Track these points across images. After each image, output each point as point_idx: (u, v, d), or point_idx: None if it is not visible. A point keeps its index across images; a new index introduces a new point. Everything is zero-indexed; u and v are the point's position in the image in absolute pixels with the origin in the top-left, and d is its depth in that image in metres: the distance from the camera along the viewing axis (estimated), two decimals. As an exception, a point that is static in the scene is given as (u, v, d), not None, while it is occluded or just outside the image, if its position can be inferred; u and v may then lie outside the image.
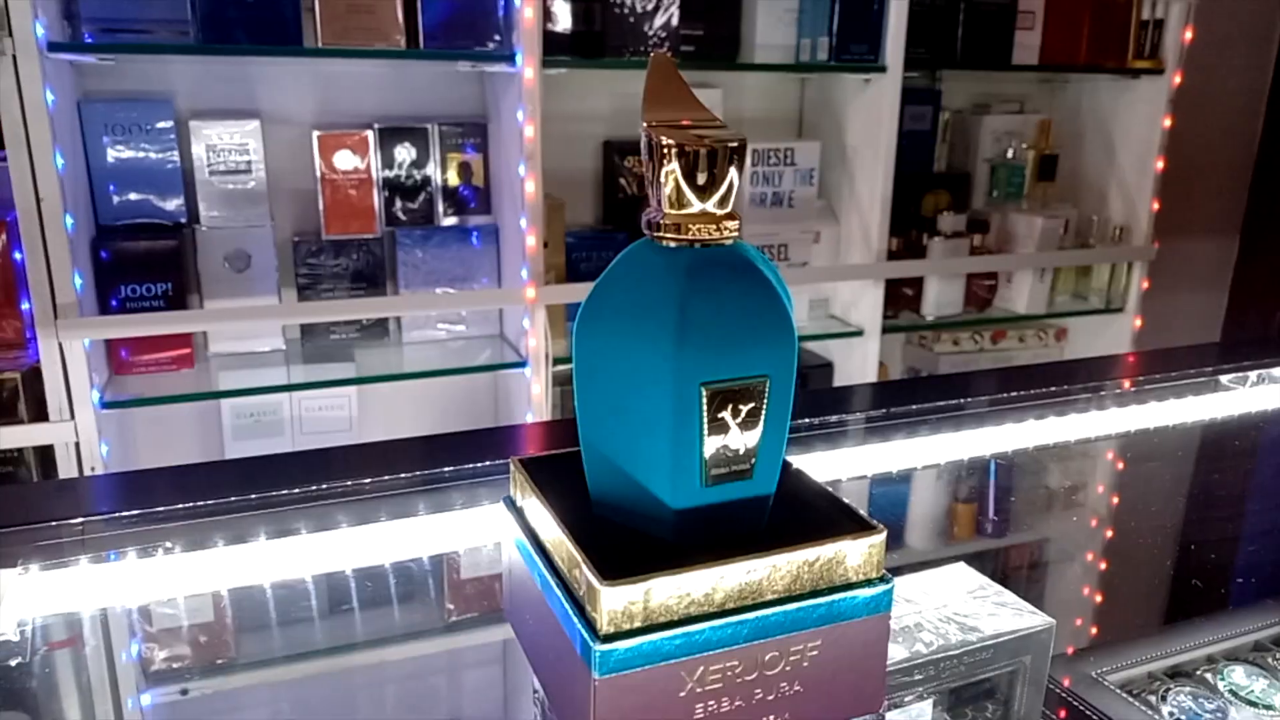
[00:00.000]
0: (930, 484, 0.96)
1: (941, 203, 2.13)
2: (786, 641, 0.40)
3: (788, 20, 1.82)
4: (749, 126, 2.05)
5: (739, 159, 0.40)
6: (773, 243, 1.91)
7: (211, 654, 0.58)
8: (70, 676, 0.53)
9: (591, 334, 0.40)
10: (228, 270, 1.67)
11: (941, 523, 0.92)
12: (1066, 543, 0.90)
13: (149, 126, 1.59)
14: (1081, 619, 0.78)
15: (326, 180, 1.71)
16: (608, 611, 0.37)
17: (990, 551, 0.89)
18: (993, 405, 1.05)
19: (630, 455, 0.40)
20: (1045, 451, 0.99)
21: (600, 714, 0.37)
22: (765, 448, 0.41)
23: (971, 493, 0.96)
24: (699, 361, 0.38)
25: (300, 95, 1.73)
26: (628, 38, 1.71)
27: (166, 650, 0.58)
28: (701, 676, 0.39)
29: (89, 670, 0.54)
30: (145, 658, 0.57)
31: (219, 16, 1.49)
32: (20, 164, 1.34)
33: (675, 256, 0.39)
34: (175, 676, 0.56)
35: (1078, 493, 0.98)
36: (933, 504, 0.95)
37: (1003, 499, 0.95)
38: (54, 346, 1.43)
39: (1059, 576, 0.87)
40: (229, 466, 0.83)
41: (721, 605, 0.39)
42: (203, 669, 0.57)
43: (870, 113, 1.89)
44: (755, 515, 0.42)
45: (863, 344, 2.02)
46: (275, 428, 1.80)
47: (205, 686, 0.56)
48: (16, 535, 0.60)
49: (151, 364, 1.65)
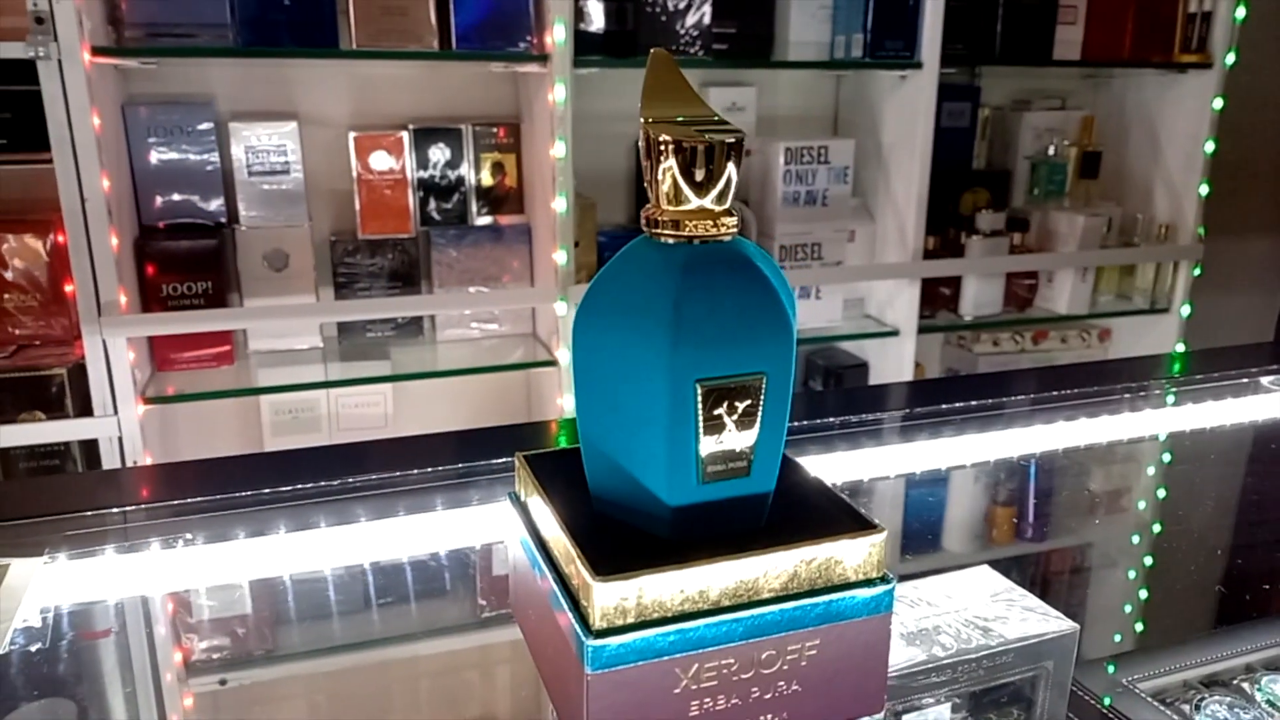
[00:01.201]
0: (964, 485, 0.95)
1: (980, 201, 2.10)
2: (784, 640, 0.40)
3: (822, 17, 1.80)
4: (783, 125, 2.04)
5: (737, 155, 0.39)
6: (806, 241, 1.90)
7: (247, 645, 0.60)
8: (94, 664, 0.55)
9: (589, 330, 0.40)
10: (266, 269, 1.71)
11: (975, 524, 0.90)
12: (1104, 547, 0.88)
13: (190, 129, 1.63)
14: (1115, 624, 0.77)
15: (362, 180, 1.73)
16: (600, 607, 0.37)
17: (1025, 555, 0.88)
18: (1026, 406, 1.03)
19: (627, 452, 0.40)
20: (1083, 453, 0.97)
21: (593, 709, 0.37)
22: (763, 445, 0.40)
23: (1006, 495, 0.95)
24: (694, 358, 0.38)
25: (337, 97, 1.75)
26: (660, 37, 1.71)
27: (195, 640, 0.59)
28: (696, 674, 0.39)
29: (113, 658, 0.56)
30: (172, 647, 0.59)
31: (258, 19, 1.52)
32: (66, 166, 1.38)
33: (672, 253, 0.39)
34: (211, 667, 0.57)
35: (1116, 496, 0.96)
36: (967, 505, 0.93)
37: (1038, 501, 0.94)
38: (98, 344, 1.47)
39: (1094, 581, 0.85)
40: (257, 460, 0.84)
41: (717, 603, 0.39)
42: (234, 660, 0.58)
43: (906, 110, 1.86)
44: (753, 513, 0.42)
45: (898, 344, 1.99)
46: (313, 424, 1.83)
47: (244, 677, 0.57)
48: (46, 525, 0.62)
49: (193, 361, 1.69)
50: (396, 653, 0.62)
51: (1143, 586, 0.81)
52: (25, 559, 0.55)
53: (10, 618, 0.49)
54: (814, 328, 1.99)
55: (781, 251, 1.89)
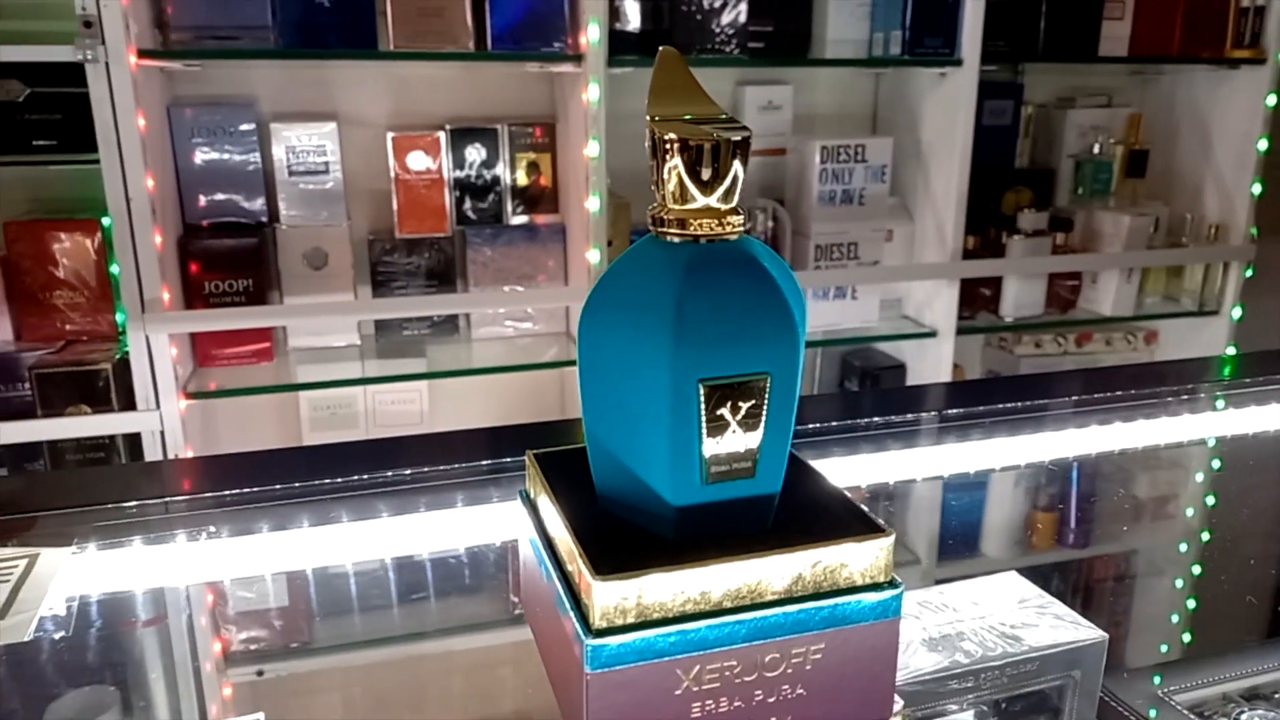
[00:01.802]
0: (999, 488, 0.93)
1: (1023, 200, 2.06)
2: (788, 644, 0.39)
3: (860, 15, 1.78)
4: (821, 123, 2.02)
5: (743, 153, 0.39)
6: (842, 241, 1.88)
7: (276, 637, 0.60)
8: (119, 654, 0.56)
9: (593, 329, 0.40)
10: (306, 267, 1.73)
11: (1009, 529, 0.89)
12: (1145, 554, 0.86)
13: (232, 129, 1.66)
14: (1153, 634, 0.75)
15: (400, 180, 1.75)
16: (600, 606, 0.37)
17: (1061, 562, 0.86)
18: (1065, 408, 1.01)
19: (631, 451, 0.40)
20: (1125, 458, 0.95)
21: (593, 709, 0.37)
22: (768, 446, 0.40)
23: (1043, 499, 0.93)
24: (696, 358, 0.37)
25: (375, 97, 1.77)
26: (695, 35, 1.70)
27: (222, 630, 0.60)
28: (698, 675, 0.38)
29: (138, 648, 0.57)
30: (203, 637, 0.60)
31: (299, 22, 1.55)
32: (112, 167, 1.42)
33: (677, 252, 0.39)
34: (239, 659, 0.58)
35: (1158, 502, 0.94)
36: (1001, 510, 0.92)
37: (1076, 507, 0.92)
38: (141, 339, 1.50)
39: (1132, 589, 0.83)
40: (285, 455, 0.86)
41: (719, 604, 0.38)
42: (266, 652, 0.59)
43: (946, 107, 1.84)
44: (759, 514, 0.41)
45: (936, 345, 1.97)
46: (350, 420, 1.86)
47: (280, 669, 0.58)
48: (78, 516, 0.64)
49: (233, 357, 1.72)
50: (427, 648, 0.63)
51: (1184, 596, 0.79)
52: (54, 549, 0.57)
53: (35, 606, 0.50)
54: (850, 328, 1.97)
55: (817, 251, 1.88)
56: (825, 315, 1.95)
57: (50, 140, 1.51)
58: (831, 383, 2.18)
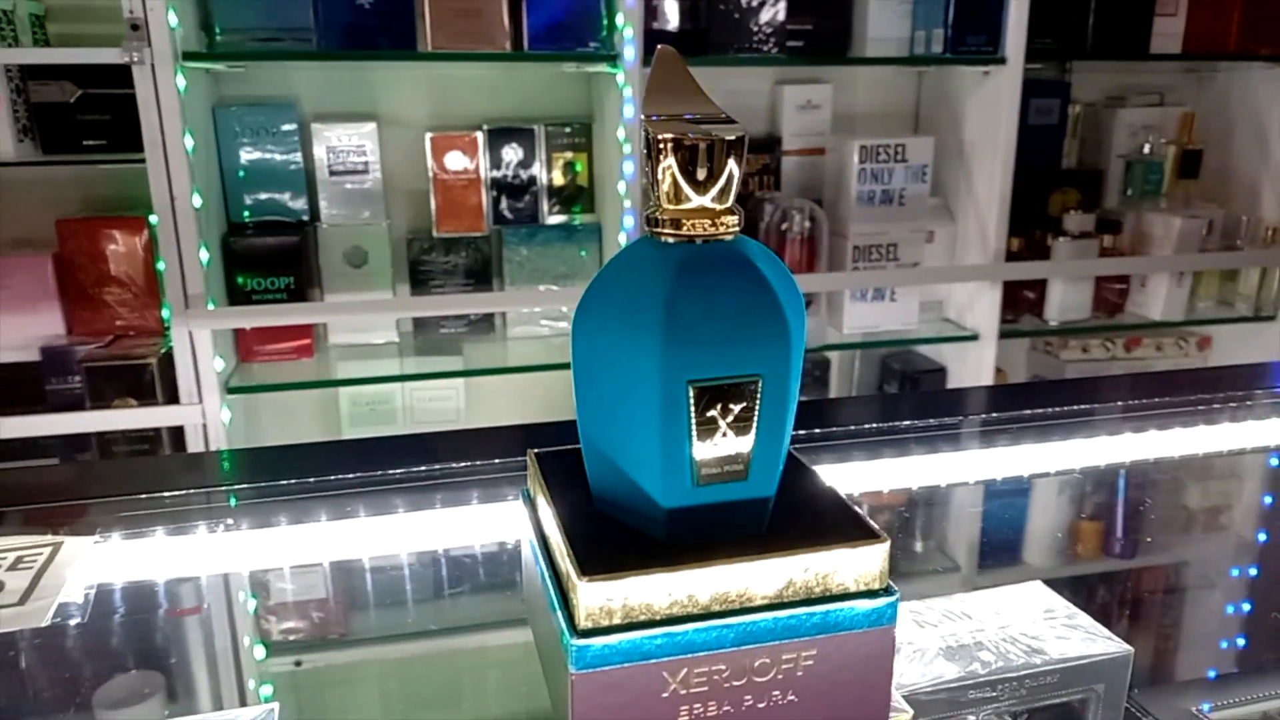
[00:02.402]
0: (1033, 495, 0.91)
1: (1070, 201, 2.01)
2: (778, 649, 0.39)
3: (901, 13, 1.76)
4: (861, 122, 2.00)
5: (738, 153, 0.39)
6: (881, 242, 1.86)
7: (321, 628, 0.61)
8: (135, 641, 0.57)
9: (586, 329, 0.40)
10: (346, 266, 1.76)
11: (1042, 538, 0.87)
12: (1186, 566, 0.83)
13: (275, 129, 1.69)
14: (1191, 648, 0.73)
15: (438, 180, 1.77)
16: (585, 607, 0.37)
17: (1095, 572, 0.84)
18: (1107, 414, 0.98)
19: (623, 452, 0.40)
20: (1172, 466, 0.92)
21: (578, 709, 0.37)
22: (761, 449, 0.39)
23: (1080, 508, 0.90)
24: (686, 359, 0.37)
25: (415, 98, 1.80)
26: (733, 34, 1.70)
27: (243, 621, 0.62)
28: (685, 679, 0.38)
29: (159, 636, 0.58)
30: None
31: (340, 23, 1.57)
32: (157, 166, 1.45)
33: (669, 252, 0.39)
34: (286, 648, 0.59)
35: (1202, 513, 0.91)
36: (1035, 517, 0.89)
37: (1120, 516, 0.89)
38: (185, 335, 1.54)
39: (1171, 601, 0.81)
40: (315, 449, 0.87)
41: (707, 607, 0.38)
42: (305, 643, 0.60)
43: (989, 107, 1.81)
44: (753, 518, 0.41)
45: (978, 349, 1.93)
46: (388, 416, 1.88)
47: (317, 660, 0.59)
48: (102, 506, 0.66)
49: (275, 353, 1.76)
50: (459, 643, 0.63)
51: (1226, 610, 0.77)
52: (78, 538, 0.58)
53: (55, 594, 0.52)
54: (889, 330, 1.95)
55: (855, 252, 1.86)
56: (864, 317, 1.92)
57: (100, 140, 1.56)
58: (870, 385, 2.15)
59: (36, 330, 1.61)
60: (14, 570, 0.54)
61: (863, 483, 0.83)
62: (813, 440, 0.86)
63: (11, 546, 0.56)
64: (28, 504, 0.66)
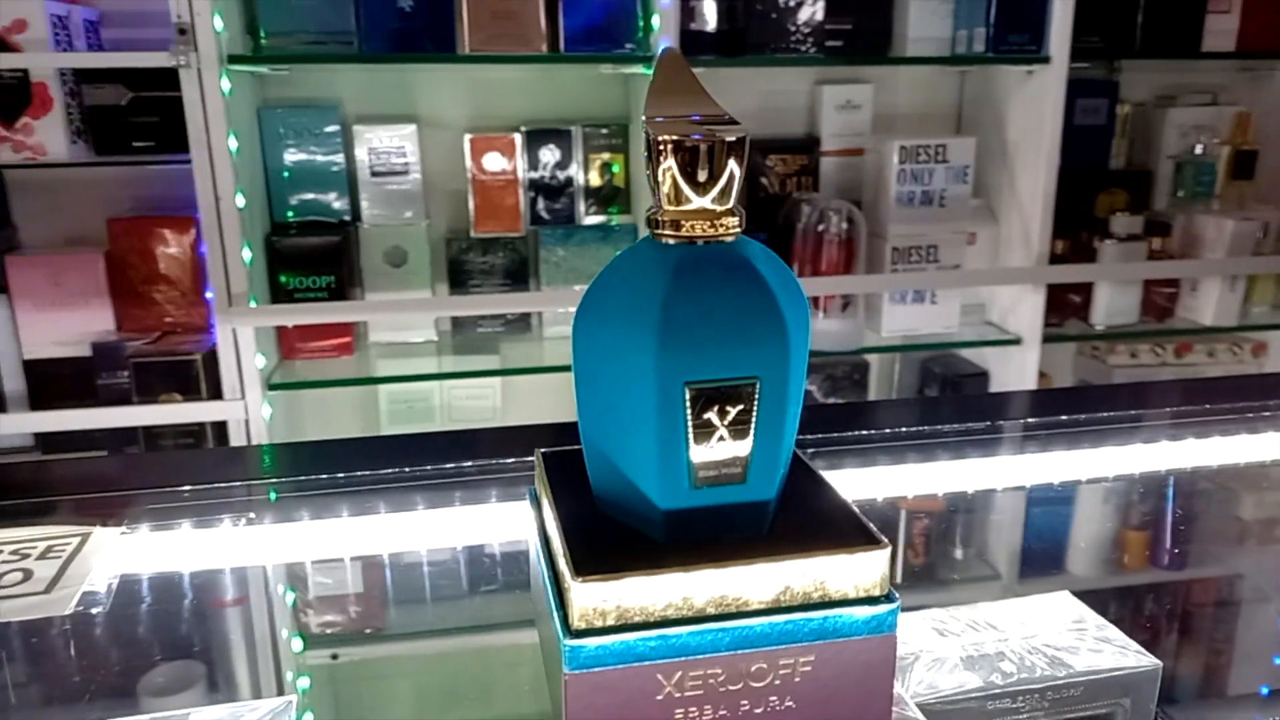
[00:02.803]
0: (1071, 503, 0.89)
1: (1118, 203, 1.97)
2: (775, 654, 0.39)
3: (943, 12, 1.74)
4: (902, 123, 1.98)
5: (738, 154, 0.38)
6: (920, 244, 1.83)
7: (361, 621, 0.62)
8: (157, 632, 0.58)
9: (586, 329, 0.40)
10: (386, 265, 1.78)
11: (1078, 547, 0.85)
12: (1241, 580, 0.81)
13: (318, 131, 1.72)
14: (1239, 665, 0.71)
15: (476, 181, 1.79)
16: (579, 607, 0.37)
17: (1133, 584, 0.82)
18: (1157, 419, 0.96)
19: (622, 454, 0.40)
20: (1221, 475, 0.89)
21: (572, 709, 0.37)
22: (760, 452, 0.39)
23: (1131, 516, 0.88)
24: (681, 360, 0.37)
25: (454, 100, 1.81)
26: (770, 34, 1.69)
27: (264, 611, 0.63)
28: (680, 682, 0.38)
29: (182, 627, 0.60)
30: (226, 618, 0.62)
31: (381, 27, 1.59)
32: (202, 167, 1.49)
33: (667, 254, 0.39)
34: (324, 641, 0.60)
35: (1262, 525, 0.88)
36: (1073, 526, 0.87)
37: (1166, 525, 0.87)
38: (228, 332, 1.57)
39: (1215, 616, 0.78)
40: (347, 445, 0.88)
41: (702, 610, 0.38)
42: (347, 636, 0.61)
43: (1032, 107, 1.77)
44: (753, 521, 0.41)
45: (1021, 353, 1.90)
46: (426, 414, 1.90)
47: (355, 654, 0.60)
48: (132, 498, 0.67)
49: (316, 351, 1.79)
50: (491, 640, 0.63)
51: (1269, 626, 0.74)
52: (106, 528, 0.60)
53: (79, 582, 0.53)
54: (929, 333, 1.92)
55: (894, 254, 1.84)
56: (902, 320, 1.90)
57: (149, 141, 1.60)
58: (911, 389, 2.13)
59: (88, 326, 1.66)
60: (43, 559, 0.56)
61: (899, 487, 0.82)
62: (847, 443, 0.85)
63: (42, 536, 0.58)
64: (63, 495, 0.68)
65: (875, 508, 0.79)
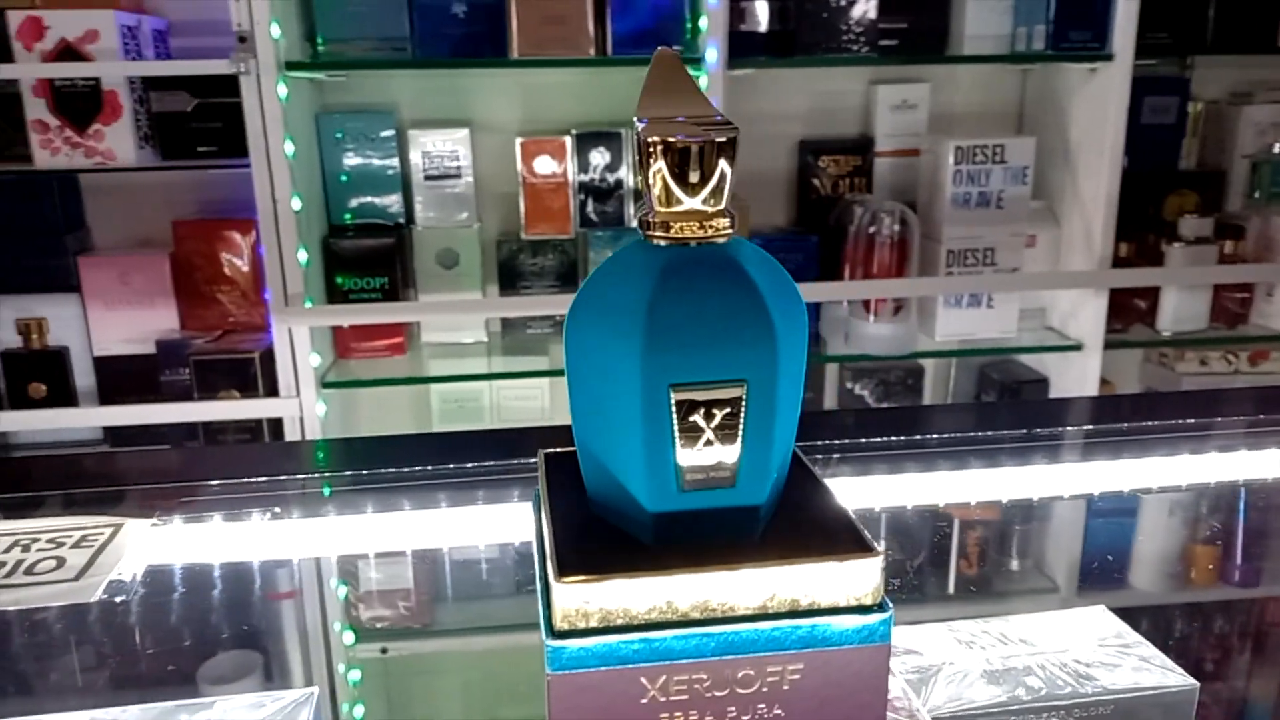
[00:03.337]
0: (1148, 514, 0.86)
1: (1187, 204, 1.90)
2: (762, 661, 0.38)
3: (1001, 9, 1.70)
4: (960, 123, 1.94)
5: (728, 154, 0.38)
6: (977, 246, 1.79)
7: (411, 617, 0.63)
8: (178, 621, 0.60)
9: (576, 331, 0.40)
10: (438, 267, 1.81)
11: (1161, 560, 0.82)
12: None
13: (374, 135, 1.76)
14: (1272, 690, 0.68)
15: (527, 184, 1.80)
16: (560, 608, 0.37)
17: (1186, 602, 0.78)
18: (1231, 428, 0.92)
19: (612, 455, 0.40)
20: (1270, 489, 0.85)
21: (555, 710, 0.37)
22: (750, 456, 0.39)
23: (1197, 531, 0.85)
24: (666, 362, 0.37)
25: (506, 104, 1.84)
26: (822, 34, 1.67)
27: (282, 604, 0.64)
28: (665, 686, 0.38)
29: (191, 616, 0.62)
30: (241, 610, 0.64)
31: (434, 33, 1.62)
32: (261, 172, 1.53)
33: (655, 255, 0.38)
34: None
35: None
36: (1154, 538, 0.84)
37: (1220, 541, 0.83)
38: (284, 332, 1.62)
39: (1266, 639, 0.75)
40: (381, 442, 0.90)
41: (687, 615, 0.38)
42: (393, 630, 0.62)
43: (1096, 105, 1.72)
44: (745, 525, 0.40)
45: (1082, 359, 1.84)
46: (476, 414, 1.93)
47: (404, 648, 0.60)
48: (169, 490, 0.70)
49: (369, 350, 1.83)
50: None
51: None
52: (139, 519, 0.62)
53: (108, 571, 0.55)
54: (985, 338, 1.88)
55: (949, 256, 1.80)
56: (958, 324, 1.86)
57: (212, 146, 1.65)
58: (967, 395, 2.08)
59: (153, 325, 1.72)
60: (76, 548, 0.58)
61: (947, 494, 0.80)
62: (892, 448, 0.84)
63: (78, 525, 0.61)
64: (105, 486, 0.71)
65: (919, 515, 0.77)
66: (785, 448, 0.41)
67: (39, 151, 1.59)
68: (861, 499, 0.76)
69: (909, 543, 0.77)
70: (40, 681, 0.54)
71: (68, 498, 0.70)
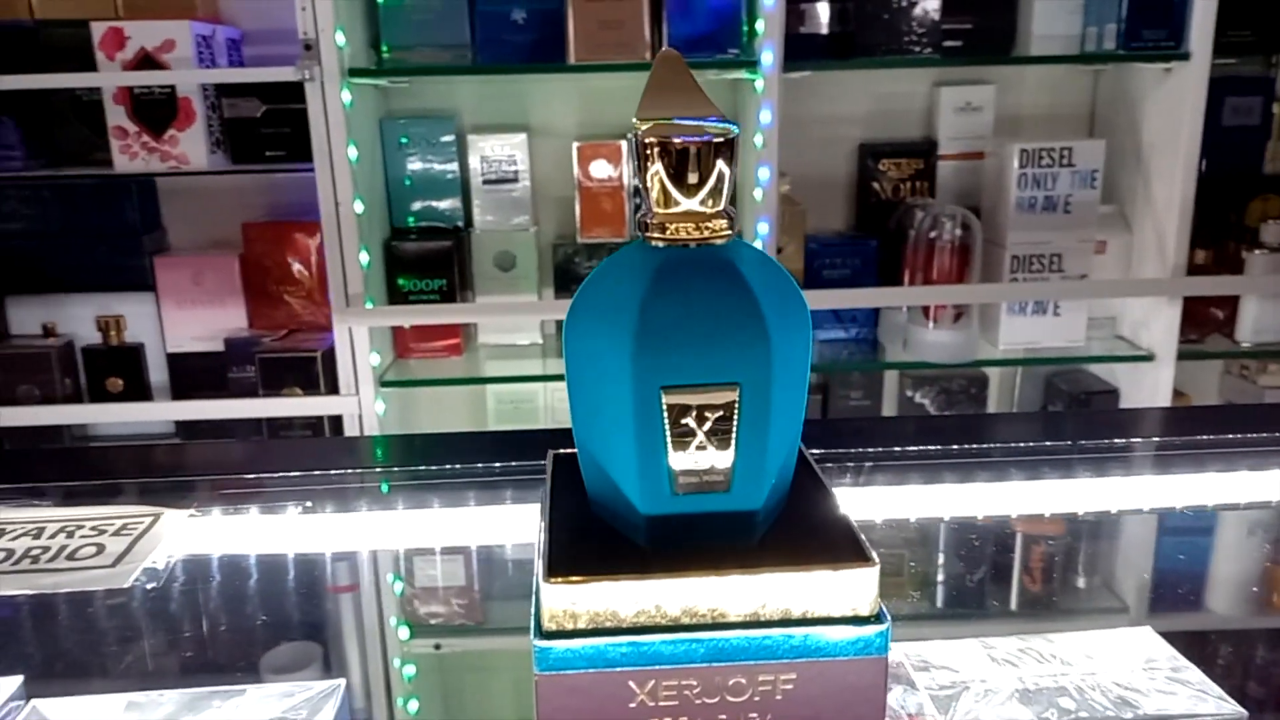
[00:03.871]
0: (1223, 531, 0.82)
1: (1271, 210, 1.81)
2: (753, 670, 0.37)
3: (1071, 8, 1.64)
4: (1028, 124, 1.88)
5: (726, 155, 0.38)
6: (1043, 252, 1.74)
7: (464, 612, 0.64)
8: (208, 610, 0.62)
9: (573, 332, 0.40)
10: (495, 270, 1.84)
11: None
12: None
13: (435, 140, 1.79)
14: None
15: (583, 187, 1.81)
16: (548, 609, 0.37)
17: (1243, 628, 0.75)
18: None
19: (608, 457, 0.40)
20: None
21: (543, 712, 0.37)
22: (744, 461, 0.38)
23: (1247, 551, 0.81)
24: (657, 364, 0.37)
25: (564, 109, 1.85)
26: (883, 35, 1.64)
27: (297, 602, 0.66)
28: (653, 690, 0.37)
29: (215, 606, 0.63)
30: (259, 606, 0.65)
31: (494, 39, 1.65)
32: (324, 176, 1.57)
33: (651, 256, 0.38)
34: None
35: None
36: (1228, 557, 0.81)
37: None
38: (345, 332, 1.66)
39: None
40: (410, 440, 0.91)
41: (676, 620, 0.37)
42: None
43: (1170, 107, 1.65)
44: (741, 531, 0.40)
45: (1154, 370, 1.77)
46: (530, 415, 1.95)
47: (460, 645, 0.61)
48: (214, 482, 0.72)
49: (427, 351, 1.86)
50: None
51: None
52: (177, 510, 0.64)
53: (142, 559, 0.57)
54: (1052, 347, 1.82)
55: (1014, 262, 1.75)
56: (1022, 332, 1.81)
57: (280, 151, 1.71)
58: (1033, 405, 2.02)
59: (223, 323, 1.78)
60: (116, 535, 0.60)
61: (1001, 506, 0.78)
62: (951, 456, 0.82)
63: (120, 514, 0.63)
64: (150, 477, 0.74)
65: (974, 526, 0.75)
66: (785, 453, 0.40)
67: (118, 156, 1.67)
68: (898, 509, 0.74)
69: (946, 555, 0.75)
70: (76, 664, 0.56)
71: (121, 487, 0.73)
